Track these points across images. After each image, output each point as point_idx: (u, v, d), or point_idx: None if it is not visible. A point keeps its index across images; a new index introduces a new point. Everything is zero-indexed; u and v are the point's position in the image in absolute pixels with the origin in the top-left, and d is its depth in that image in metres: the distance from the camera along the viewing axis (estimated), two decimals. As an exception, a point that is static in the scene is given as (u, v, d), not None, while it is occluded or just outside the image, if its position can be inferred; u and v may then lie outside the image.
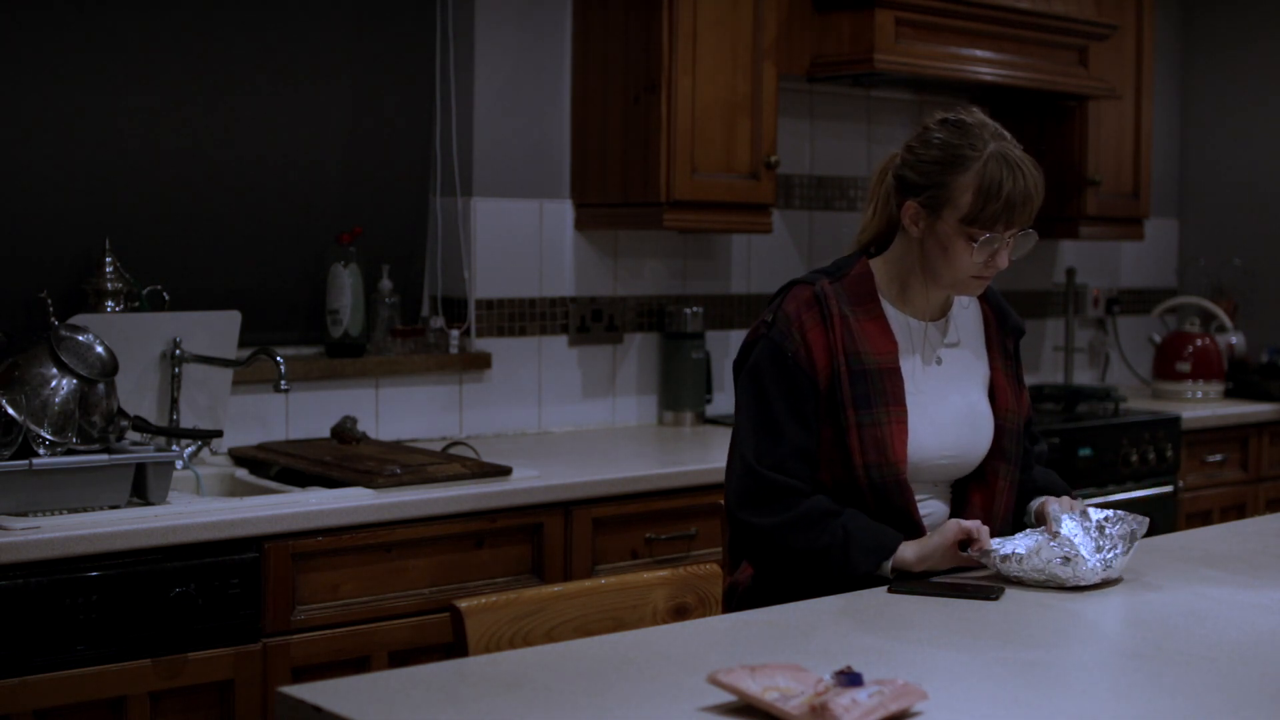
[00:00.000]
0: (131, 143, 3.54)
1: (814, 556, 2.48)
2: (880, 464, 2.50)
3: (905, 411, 2.53)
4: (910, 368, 2.58)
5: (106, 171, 3.50)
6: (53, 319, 3.27)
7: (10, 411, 2.81)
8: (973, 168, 2.47)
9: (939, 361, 2.61)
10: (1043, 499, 2.62)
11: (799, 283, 2.60)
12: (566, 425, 4.18)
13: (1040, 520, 2.58)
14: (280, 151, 3.77)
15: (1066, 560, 2.36)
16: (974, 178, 2.47)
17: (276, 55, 3.75)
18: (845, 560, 2.46)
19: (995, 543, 2.45)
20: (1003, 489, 2.63)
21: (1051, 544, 2.38)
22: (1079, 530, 2.40)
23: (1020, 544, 2.42)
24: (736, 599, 2.61)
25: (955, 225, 2.49)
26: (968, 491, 2.63)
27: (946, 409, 2.58)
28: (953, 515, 2.60)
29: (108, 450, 2.91)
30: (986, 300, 2.71)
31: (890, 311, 2.60)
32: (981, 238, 2.48)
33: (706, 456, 3.80)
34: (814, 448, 2.53)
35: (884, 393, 2.52)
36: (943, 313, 2.65)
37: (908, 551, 2.47)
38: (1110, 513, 2.47)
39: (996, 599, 2.32)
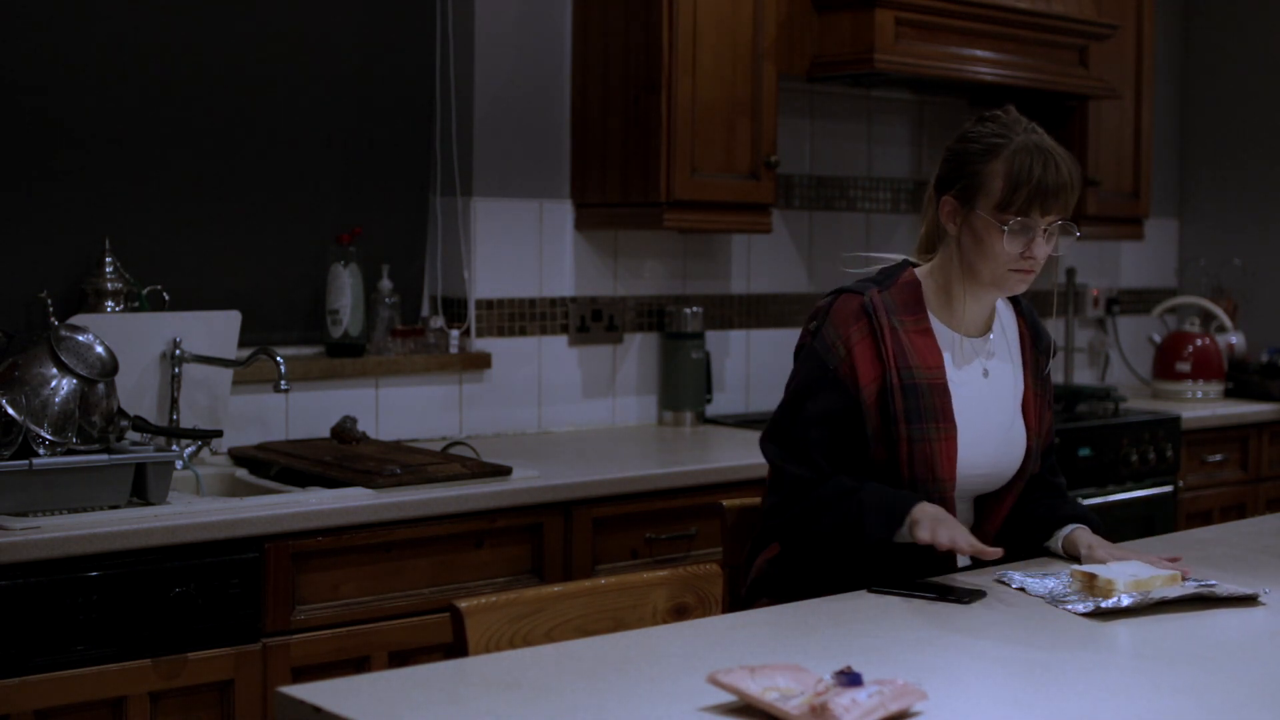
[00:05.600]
0: (132, 142, 3.54)
1: (834, 536, 2.49)
2: (928, 480, 2.48)
3: (955, 428, 2.51)
4: (957, 382, 2.55)
5: (106, 171, 3.50)
6: (53, 319, 3.27)
7: (10, 411, 2.81)
8: (1003, 154, 2.48)
9: (986, 374, 2.60)
10: (1074, 527, 2.59)
11: (847, 291, 2.57)
12: (566, 425, 4.18)
13: (1070, 551, 2.56)
14: (280, 151, 3.76)
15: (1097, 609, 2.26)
16: (1004, 164, 2.47)
17: (276, 54, 3.75)
18: (861, 531, 2.45)
19: (1017, 577, 2.41)
20: (1007, 505, 2.63)
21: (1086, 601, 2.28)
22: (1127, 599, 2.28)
23: (1046, 586, 2.37)
24: (762, 579, 2.60)
25: (989, 213, 2.48)
26: (974, 501, 2.63)
27: (989, 425, 2.57)
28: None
29: (108, 450, 2.91)
30: (1024, 318, 2.70)
31: (936, 325, 2.57)
32: (1013, 222, 2.47)
33: (706, 456, 3.80)
34: (836, 453, 2.52)
35: (934, 409, 2.50)
36: (985, 329, 2.63)
37: (923, 531, 2.40)
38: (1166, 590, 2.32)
39: (969, 603, 2.31)
